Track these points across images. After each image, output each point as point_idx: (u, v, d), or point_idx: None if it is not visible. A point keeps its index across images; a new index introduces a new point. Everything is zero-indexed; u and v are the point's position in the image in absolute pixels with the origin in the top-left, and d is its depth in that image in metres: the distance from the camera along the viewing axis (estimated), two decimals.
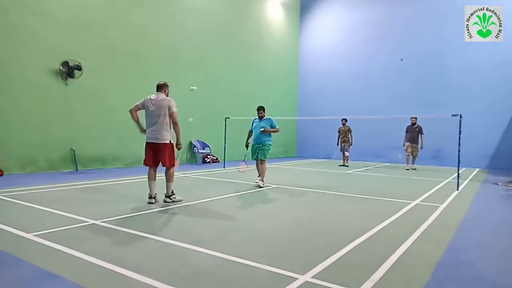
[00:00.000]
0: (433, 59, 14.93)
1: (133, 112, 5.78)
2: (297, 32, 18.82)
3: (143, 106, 5.79)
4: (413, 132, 12.33)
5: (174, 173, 5.92)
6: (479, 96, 13.87)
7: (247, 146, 8.21)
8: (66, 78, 9.70)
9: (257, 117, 8.17)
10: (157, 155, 5.71)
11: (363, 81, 16.60)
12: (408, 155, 12.53)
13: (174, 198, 5.82)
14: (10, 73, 8.81)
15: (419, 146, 12.32)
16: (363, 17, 16.82)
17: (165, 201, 5.79)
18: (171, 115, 5.69)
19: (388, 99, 15.70)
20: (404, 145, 12.65)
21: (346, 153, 13.35)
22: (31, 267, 3.02)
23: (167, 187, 5.80)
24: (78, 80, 9.88)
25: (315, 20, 18.48)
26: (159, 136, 5.63)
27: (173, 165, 5.82)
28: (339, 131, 13.57)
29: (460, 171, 8.30)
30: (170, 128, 5.75)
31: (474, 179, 10.17)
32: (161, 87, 5.88)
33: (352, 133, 13.40)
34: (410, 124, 12.54)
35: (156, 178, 5.85)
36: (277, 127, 8.02)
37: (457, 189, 7.82)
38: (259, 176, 7.90)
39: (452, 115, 7.98)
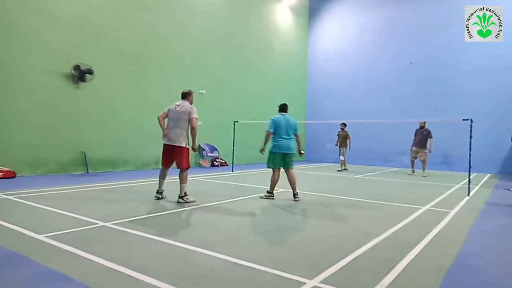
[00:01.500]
0: (440, 63, 14.80)
1: (161, 119, 6.21)
2: (305, 36, 18.83)
3: (169, 112, 6.20)
4: (421, 136, 11.96)
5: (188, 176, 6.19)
6: (489, 100, 13.69)
7: (263, 151, 7.05)
8: (77, 82, 9.84)
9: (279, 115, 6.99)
10: (173, 156, 6.08)
11: (371, 84, 16.53)
12: (413, 160, 12.23)
13: (187, 199, 6.03)
14: (19, 76, 8.95)
15: (426, 150, 11.89)
16: (370, 20, 16.78)
17: (178, 202, 6.00)
18: (190, 120, 6.03)
19: (396, 103, 15.59)
20: (411, 149, 12.34)
21: (342, 157, 13.31)
22: (41, 268, 3.06)
23: (181, 188, 6.04)
24: (89, 83, 10.01)
25: (323, 24, 18.48)
26: (176, 140, 6.01)
27: (188, 167, 6.12)
28: (338, 135, 13.59)
29: (471, 176, 8.19)
30: (188, 134, 6.11)
31: (485, 184, 10.02)
32: (185, 96, 6.34)
33: (350, 139, 13.35)
34: (419, 127, 12.21)
35: (166, 178, 6.33)
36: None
37: (468, 195, 7.71)
38: (296, 195, 6.77)
39: (463, 120, 7.88)
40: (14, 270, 3.01)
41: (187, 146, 6.08)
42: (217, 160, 13.50)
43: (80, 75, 9.78)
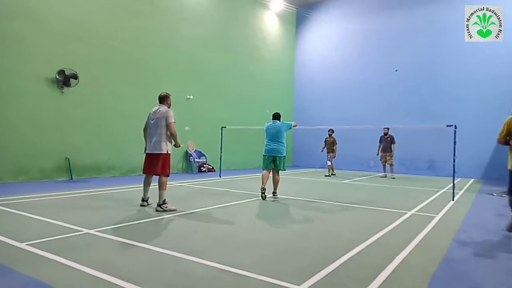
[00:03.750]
0: (426, 70, 15.07)
1: (145, 131, 6.16)
2: (293, 43, 18.99)
3: (148, 120, 6.10)
4: (386, 142, 12.98)
5: (167, 183, 6.02)
6: (473, 106, 13.98)
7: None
8: (62, 87, 9.69)
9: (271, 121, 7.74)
10: (152, 163, 5.92)
11: (358, 91, 16.72)
12: (384, 164, 13.16)
13: (166, 207, 5.79)
14: (5, 81, 8.79)
15: (391, 154, 12.93)
16: (358, 28, 17.01)
17: (156, 210, 5.78)
18: (168, 126, 5.87)
19: (382, 109, 15.80)
20: (378, 154, 13.26)
21: (329, 163, 13.45)
22: (23, 277, 2.97)
23: (160, 195, 5.82)
24: (74, 88, 9.87)
25: (310, 31, 18.67)
26: (157, 147, 5.87)
27: (167, 174, 5.94)
28: (325, 141, 13.73)
29: (455, 181, 8.33)
30: (168, 138, 5.96)
31: (469, 189, 10.21)
32: (163, 99, 6.15)
33: (336, 145, 13.57)
34: (383, 134, 13.08)
35: (151, 185, 6.23)
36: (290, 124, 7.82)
37: (453, 199, 7.84)
38: (274, 192, 7.62)
39: (447, 126, 8.02)
40: None
41: (168, 152, 5.93)
42: (204, 166, 13.43)
43: (65, 80, 9.64)
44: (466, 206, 7.22)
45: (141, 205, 6.18)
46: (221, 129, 11.80)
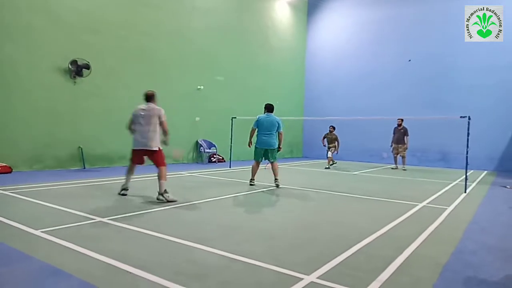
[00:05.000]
0: (440, 60, 14.80)
1: (130, 128, 6.20)
2: (304, 32, 18.78)
3: (134, 117, 6.14)
4: (399, 134, 12.88)
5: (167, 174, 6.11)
6: (487, 97, 13.72)
7: (250, 145, 8.05)
8: (74, 77, 9.78)
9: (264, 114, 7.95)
10: (146, 157, 6.15)
11: (370, 81, 16.52)
12: (395, 156, 13.07)
13: (168, 196, 5.80)
14: (19, 72, 8.91)
15: (405, 146, 12.81)
16: (370, 17, 16.73)
17: (158, 199, 5.83)
18: (161, 124, 6.03)
19: (394, 99, 15.59)
20: (391, 146, 13.15)
21: (330, 154, 13.00)
22: (38, 263, 3.05)
23: (160, 185, 5.85)
24: (86, 79, 9.96)
25: (322, 20, 18.42)
26: (151, 144, 5.98)
27: (164, 166, 6.05)
28: (324, 137, 13.37)
29: (468, 174, 8.22)
30: (159, 135, 6.09)
31: (482, 181, 10.07)
32: (151, 97, 6.24)
33: (338, 141, 13.20)
34: (397, 125, 12.97)
35: (151, 178, 6.45)
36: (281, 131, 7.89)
37: (465, 192, 7.75)
38: (276, 180, 7.77)
39: (461, 117, 7.89)
40: (10, 265, 3.00)
41: (159, 148, 6.08)
42: (214, 156, 13.49)
43: (77, 70, 9.72)
44: (478, 199, 7.13)
45: (122, 194, 6.17)
46: (231, 119, 11.81)
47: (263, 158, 7.90)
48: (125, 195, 6.18)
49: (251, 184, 7.83)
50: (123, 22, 10.93)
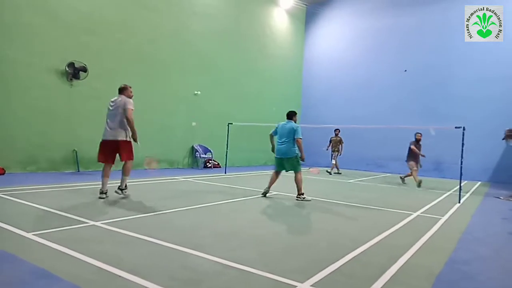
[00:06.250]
0: (436, 70, 14.93)
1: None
2: (301, 40, 18.90)
3: (107, 110, 6.22)
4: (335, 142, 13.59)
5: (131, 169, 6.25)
6: (482, 108, 13.83)
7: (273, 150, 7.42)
8: (71, 79, 9.75)
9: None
10: (115, 151, 6.07)
11: (366, 90, 16.62)
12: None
13: (126, 192, 5.96)
14: (16, 72, 8.87)
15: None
16: (367, 26, 16.89)
17: (116, 192, 6.00)
18: (125, 111, 5.94)
19: (390, 108, 15.69)
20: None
21: (333, 161, 13.52)
22: (29, 266, 3.01)
23: (122, 180, 6.02)
24: (83, 81, 9.93)
25: (319, 29, 18.56)
26: (117, 134, 5.98)
27: (131, 160, 6.11)
28: (330, 141, 13.82)
29: (462, 184, 8.26)
30: (126, 127, 6.04)
31: (475, 192, 10.12)
32: (121, 90, 6.26)
33: (342, 144, 13.69)
34: (415, 140, 11.56)
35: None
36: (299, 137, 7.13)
37: (459, 202, 7.78)
38: (301, 194, 7.08)
39: (456, 127, 7.94)
40: (2, 269, 2.96)
41: (128, 139, 6.06)
42: (210, 161, 13.46)
43: (74, 72, 9.70)
44: (472, 209, 7.15)
45: (100, 198, 6.05)
46: (228, 125, 11.81)
47: (281, 168, 7.29)
48: (102, 198, 6.05)
49: (263, 194, 7.29)
50: (122, 24, 10.95)
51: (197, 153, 13.25)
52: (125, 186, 5.92)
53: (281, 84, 17.51)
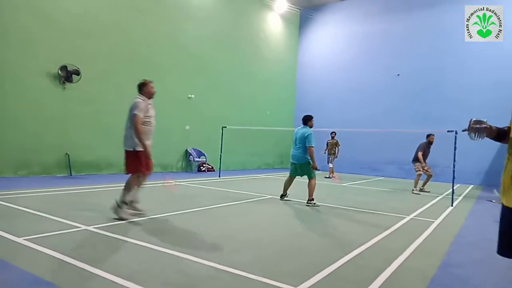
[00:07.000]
0: (429, 74, 15.06)
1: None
2: (295, 44, 18.99)
3: None
4: (428, 150, 11.33)
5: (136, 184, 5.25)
6: (475, 112, 13.89)
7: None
8: (64, 83, 9.68)
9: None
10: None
11: (360, 94, 16.71)
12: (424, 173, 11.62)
13: (120, 211, 5.02)
14: (8, 75, 8.78)
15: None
16: (361, 31, 17.01)
17: (111, 208, 5.09)
18: (131, 118, 5.09)
19: (384, 112, 15.79)
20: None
21: (330, 165, 13.51)
22: (19, 272, 2.96)
23: (121, 194, 5.13)
24: (75, 84, 9.86)
25: (313, 33, 18.66)
26: (125, 142, 5.20)
27: (131, 173, 5.16)
28: (327, 144, 13.80)
29: (454, 187, 8.32)
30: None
31: (468, 195, 10.19)
32: (140, 87, 5.44)
33: (339, 147, 13.70)
34: (426, 142, 11.21)
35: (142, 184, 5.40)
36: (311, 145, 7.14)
37: (452, 205, 7.83)
38: (311, 199, 7.02)
39: (448, 131, 8.00)
40: None
41: (134, 149, 5.06)
42: (204, 165, 13.42)
43: (67, 75, 9.62)
44: (465, 212, 7.21)
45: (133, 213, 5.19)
46: (222, 129, 11.79)
47: (295, 173, 7.36)
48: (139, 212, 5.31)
49: (281, 198, 7.46)
50: (116, 27, 10.91)
51: (191, 156, 13.20)
52: (123, 201, 5.03)
53: (275, 88, 17.55)
